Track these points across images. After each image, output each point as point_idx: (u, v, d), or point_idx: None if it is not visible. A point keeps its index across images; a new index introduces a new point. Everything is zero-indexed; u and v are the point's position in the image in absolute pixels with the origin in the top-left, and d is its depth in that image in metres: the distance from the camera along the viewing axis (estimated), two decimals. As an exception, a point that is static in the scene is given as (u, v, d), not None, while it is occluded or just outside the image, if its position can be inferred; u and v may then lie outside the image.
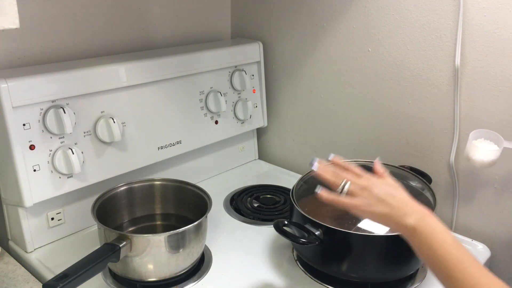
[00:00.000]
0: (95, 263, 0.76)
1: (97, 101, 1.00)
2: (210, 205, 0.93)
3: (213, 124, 1.25)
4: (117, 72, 1.03)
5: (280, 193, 1.23)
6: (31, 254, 0.98)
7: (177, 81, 1.15)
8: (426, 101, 1.09)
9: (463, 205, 1.09)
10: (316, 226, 0.87)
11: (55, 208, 1.00)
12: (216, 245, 1.01)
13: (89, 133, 1.00)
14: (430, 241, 0.62)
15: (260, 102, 1.37)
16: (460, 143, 1.05)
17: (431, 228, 0.63)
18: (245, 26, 1.41)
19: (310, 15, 1.24)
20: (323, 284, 0.91)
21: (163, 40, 1.27)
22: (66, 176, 0.97)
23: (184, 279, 0.90)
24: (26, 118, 0.90)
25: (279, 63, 1.36)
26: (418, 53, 1.07)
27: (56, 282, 0.70)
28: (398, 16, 1.08)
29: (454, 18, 1.00)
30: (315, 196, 0.73)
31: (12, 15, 0.56)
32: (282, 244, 1.02)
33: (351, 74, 1.21)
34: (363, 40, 1.16)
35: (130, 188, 1.01)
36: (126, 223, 1.02)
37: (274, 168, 1.41)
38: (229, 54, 1.26)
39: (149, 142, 1.11)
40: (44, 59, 1.05)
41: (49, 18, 1.04)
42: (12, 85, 0.87)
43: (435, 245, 0.61)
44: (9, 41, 0.99)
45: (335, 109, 1.26)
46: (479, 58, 0.99)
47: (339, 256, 0.88)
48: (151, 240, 0.84)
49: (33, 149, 0.92)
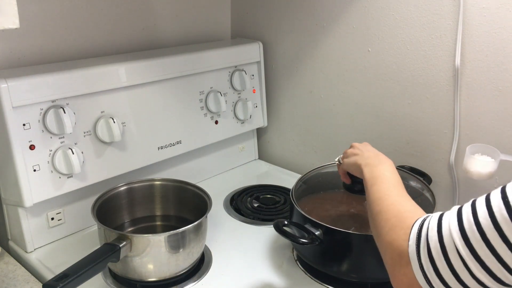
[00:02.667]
0: (95, 263, 0.76)
1: (97, 101, 1.00)
2: (210, 205, 0.93)
3: (213, 124, 1.25)
4: (117, 72, 1.03)
5: (280, 193, 1.23)
6: (31, 254, 0.98)
7: (177, 81, 1.15)
8: (426, 101, 1.09)
9: (463, 205, 1.09)
10: (316, 226, 0.87)
11: (55, 208, 1.00)
12: (216, 245, 1.01)
13: (89, 133, 1.00)
14: (372, 182, 0.74)
15: (260, 102, 1.37)
16: (460, 143, 1.05)
17: (379, 172, 0.75)
18: (245, 26, 1.41)
19: (310, 15, 1.24)
20: (323, 284, 0.91)
21: (163, 40, 1.27)
22: (66, 176, 0.97)
23: (184, 279, 0.90)
24: (26, 118, 0.90)
25: (279, 63, 1.36)
26: (418, 53, 1.07)
27: (56, 282, 0.70)
28: (398, 16, 1.08)
29: (454, 18, 1.00)
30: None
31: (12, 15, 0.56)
32: (282, 244, 1.02)
33: (351, 74, 1.21)
34: (363, 40, 1.16)
35: (130, 188, 1.01)
36: (126, 223, 1.02)
37: (274, 168, 1.41)
38: (229, 54, 1.26)
39: (149, 142, 1.11)
40: (44, 59, 1.05)
41: (49, 18, 1.04)
42: (12, 85, 0.87)
43: (368, 184, 0.74)
44: (9, 41, 0.99)
45: (335, 109, 1.26)
46: (479, 58, 0.99)
47: (339, 256, 0.88)
48: (151, 240, 0.84)
49: (33, 149, 0.92)
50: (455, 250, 0.49)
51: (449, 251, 0.50)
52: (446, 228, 0.51)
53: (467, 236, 0.49)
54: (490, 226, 0.47)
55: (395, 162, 0.80)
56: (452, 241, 0.50)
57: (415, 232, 0.55)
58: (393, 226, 0.60)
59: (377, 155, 0.83)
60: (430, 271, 0.51)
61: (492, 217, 0.47)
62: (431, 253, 0.51)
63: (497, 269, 0.47)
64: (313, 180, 1.08)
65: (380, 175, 0.74)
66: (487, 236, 0.47)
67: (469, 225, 0.49)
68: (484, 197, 0.50)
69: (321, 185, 1.08)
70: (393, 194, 0.68)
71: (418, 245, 0.53)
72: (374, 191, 0.71)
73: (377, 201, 0.68)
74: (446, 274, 0.50)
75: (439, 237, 0.51)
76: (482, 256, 0.47)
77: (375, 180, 0.74)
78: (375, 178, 0.74)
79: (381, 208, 0.66)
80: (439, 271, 0.51)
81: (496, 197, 0.49)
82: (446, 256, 0.50)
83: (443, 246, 0.50)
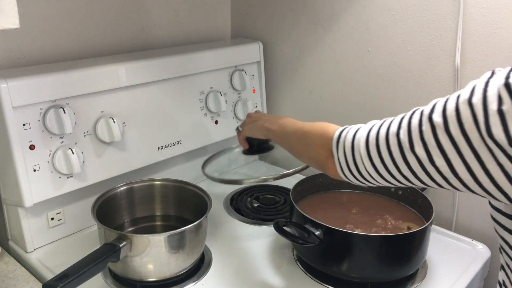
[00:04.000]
0: (95, 263, 0.76)
1: (97, 101, 1.00)
2: (210, 205, 0.93)
3: (213, 124, 1.25)
4: (117, 72, 1.03)
5: (280, 193, 1.23)
6: (31, 254, 0.98)
7: (177, 81, 1.15)
8: (426, 101, 1.07)
9: (463, 205, 1.09)
10: (316, 226, 0.87)
11: (55, 208, 1.00)
12: (216, 245, 1.01)
13: (89, 133, 1.00)
14: (282, 126, 0.88)
15: (260, 102, 1.37)
16: (460, 143, 1.05)
17: (284, 120, 0.89)
18: (245, 26, 1.41)
19: (310, 15, 1.24)
20: (323, 284, 0.91)
21: (163, 40, 1.27)
22: (66, 176, 0.97)
23: (184, 279, 0.90)
24: (26, 118, 0.90)
25: (279, 63, 1.36)
26: (418, 53, 1.07)
27: (56, 282, 0.70)
28: (398, 16, 1.08)
29: (454, 18, 1.00)
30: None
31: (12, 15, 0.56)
32: (282, 244, 1.02)
33: (351, 74, 1.21)
34: (363, 40, 1.16)
35: (130, 188, 1.01)
36: (126, 223, 1.02)
37: (274, 168, 1.41)
38: (229, 54, 1.26)
39: (149, 142, 1.11)
40: (44, 59, 1.05)
41: (49, 18, 1.04)
42: (12, 85, 0.87)
43: (280, 133, 0.88)
44: (9, 41, 0.99)
45: (335, 109, 1.26)
46: (479, 58, 0.99)
47: (339, 256, 0.88)
48: (151, 240, 0.84)
49: (33, 149, 0.92)
50: (358, 150, 0.67)
51: (355, 151, 0.68)
52: (357, 136, 0.69)
53: (368, 143, 0.66)
54: (383, 139, 0.64)
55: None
56: (358, 144, 0.68)
57: (337, 135, 0.73)
58: (322, 134, 0.76)
59: (274, 116, 0.95)
60: (343, 163, 0.71)
61: (387, 134, 0.64)
62: (344, 151, 0.70)
63: (381, 168, 0.65)
64: (313, 180, 1.08)
65: (287, 121, 0.88)
66: (379, 145, 0.64)
67: (372, 135, 0.66)
68: (390, 120, 0.65)
69: (321, 185, 1.09)
70: (307, 123, 0.82)
71: (337, 145, 0.72)
72: (289, 128, 0.86)
73: (297, 130, 0.83)
74: (352, 166, 0.70)
75: (352, 141, 0.69)
76: (373, 157, 0.65)
77: (284, 125, 0.88)
78: (284, 124, 0.88)
79: (305, 130, 0.81)
80: (348, 164, 0.70)
81: (395, 122, 0.64)
82: (353, 154, 0.69)
83: (353, 147, 0.69)
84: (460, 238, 1.06)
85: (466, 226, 1.09)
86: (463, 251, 1.02)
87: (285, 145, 0.88)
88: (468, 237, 1.06)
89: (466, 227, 1.09)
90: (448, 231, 1.09)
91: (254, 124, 0.96)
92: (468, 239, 1.06)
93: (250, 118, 1.00)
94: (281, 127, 0.88)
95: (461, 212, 1.09)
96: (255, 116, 0.99)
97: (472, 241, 1.05)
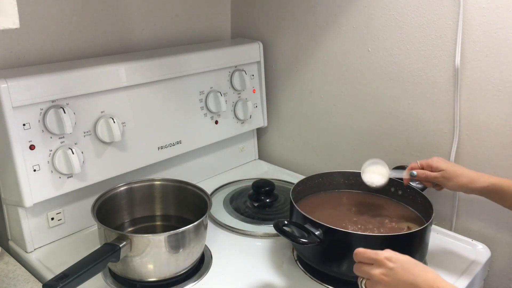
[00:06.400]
0: (95, 263, 0.76)
1: (97, 101, 1.00)
2: (210, 205, 0.93)
3: (213, 124, 1.25)
4: (117, 72, 1.03)
5: (280, 193, 1.23)
6: (31, 254, 0.98)
7: (177, 81, 1.15)
8: (426, 101, 1.09)
9: (463, 205, 1.09)
10: (316, 226, 0.87)
11: (55, 208, 1.00)
12: (216, 245, 1.01)
13: (89, 133, 1.00)
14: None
15: (260, 102, 1.37)
16: (460, 143, 1.05)
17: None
18: (245, 26, 1.41)
19: (310, 15, 1.24)
20: (323, 284, 0.91)
21: (164, 40, 1.27)
22: (66, 176, 0.97)
23: (184, 279, 0.90)
24: (26, 118, 0.90)
25: (279, 63, 1.36)
26: (418, 53, 1.07)
27: (56, 282, 0.70)
28: (398, 16, 1.08)
29: (454, 18, 1.00)
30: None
31: (12, 15, 0.56)
32: (282, 244, 1.02)
33: (351, 74, 1.21)
34: (363, 40, 1.16)
35: (130, 188, 1.01)
36: (126, 223, 1.02)
37: (274, 168, 1.41)
38: (229, 54, 1.26)
39: (149, 142, 1.11)
40: (44, 59, 1.05)
41: (49, 18, 1.04)
42: (12, 85, 0.87)
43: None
44: (9, 41, 0.99)
45: (335, 109, 1.26)
46: (479, 58, 0.99)
47: (339, 256, 0.88)
48: (151, 240, 0.84)
49: (33, 149, 0.92)
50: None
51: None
52: None
53: None
54: None
55: (395, 162, 0.79)
56: None
57: None
58: None
59: (414, 279, 0.67)
60: None
61: None
62: None
63: None
64: (313, 180, 1.08)
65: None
66: None
67: None
68: None
69: (321, 185, 1.09)
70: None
71: None
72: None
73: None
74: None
75: None
76: None
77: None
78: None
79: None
80: None
81: None
82: None
83: None
84: (460, 238, 1.06)
85: (466, 226, 1.09)
86: (463, 251, 1.02)
87: None
88: (468, 237, 1.06)
89: (466, 227, 1.09)
90: (448, 231, 1.09)
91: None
92: (468, 239, 1.06)
93: (381, 270, 0.71)
94: None
95: (461, 212, 1.09)
96: (388, 275, 0.70)
97: (472, 241, 1.05)
